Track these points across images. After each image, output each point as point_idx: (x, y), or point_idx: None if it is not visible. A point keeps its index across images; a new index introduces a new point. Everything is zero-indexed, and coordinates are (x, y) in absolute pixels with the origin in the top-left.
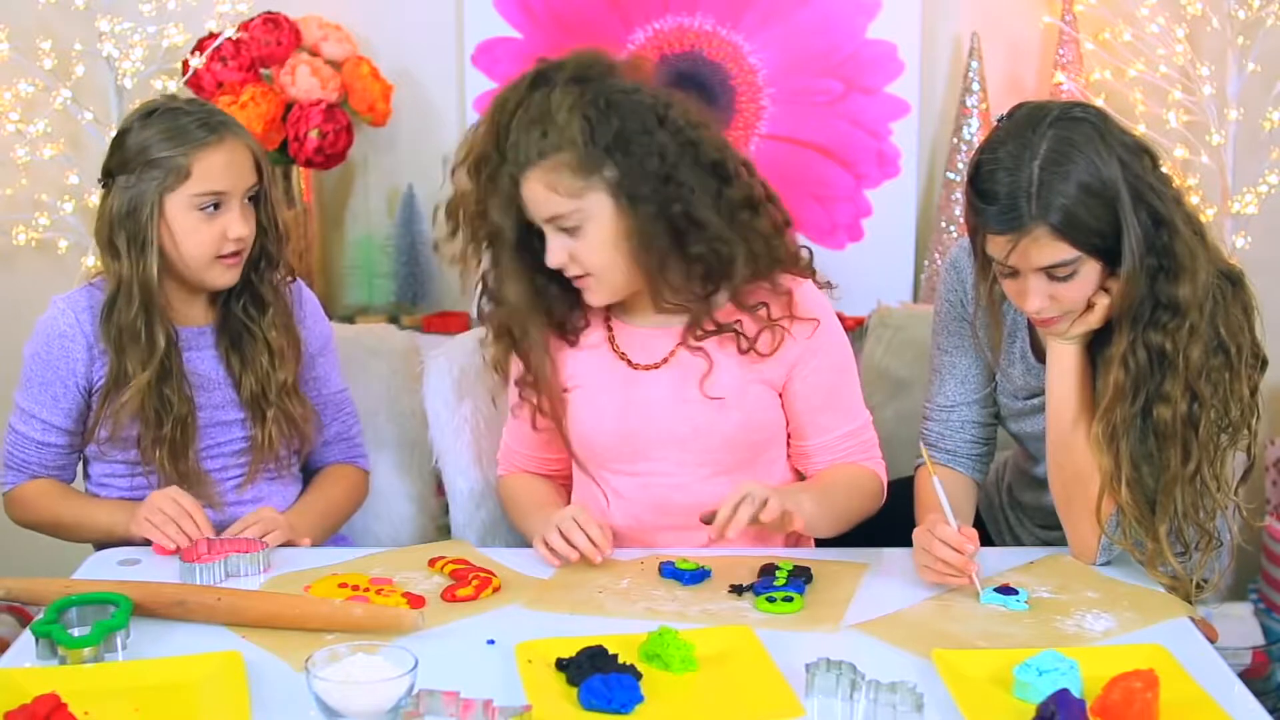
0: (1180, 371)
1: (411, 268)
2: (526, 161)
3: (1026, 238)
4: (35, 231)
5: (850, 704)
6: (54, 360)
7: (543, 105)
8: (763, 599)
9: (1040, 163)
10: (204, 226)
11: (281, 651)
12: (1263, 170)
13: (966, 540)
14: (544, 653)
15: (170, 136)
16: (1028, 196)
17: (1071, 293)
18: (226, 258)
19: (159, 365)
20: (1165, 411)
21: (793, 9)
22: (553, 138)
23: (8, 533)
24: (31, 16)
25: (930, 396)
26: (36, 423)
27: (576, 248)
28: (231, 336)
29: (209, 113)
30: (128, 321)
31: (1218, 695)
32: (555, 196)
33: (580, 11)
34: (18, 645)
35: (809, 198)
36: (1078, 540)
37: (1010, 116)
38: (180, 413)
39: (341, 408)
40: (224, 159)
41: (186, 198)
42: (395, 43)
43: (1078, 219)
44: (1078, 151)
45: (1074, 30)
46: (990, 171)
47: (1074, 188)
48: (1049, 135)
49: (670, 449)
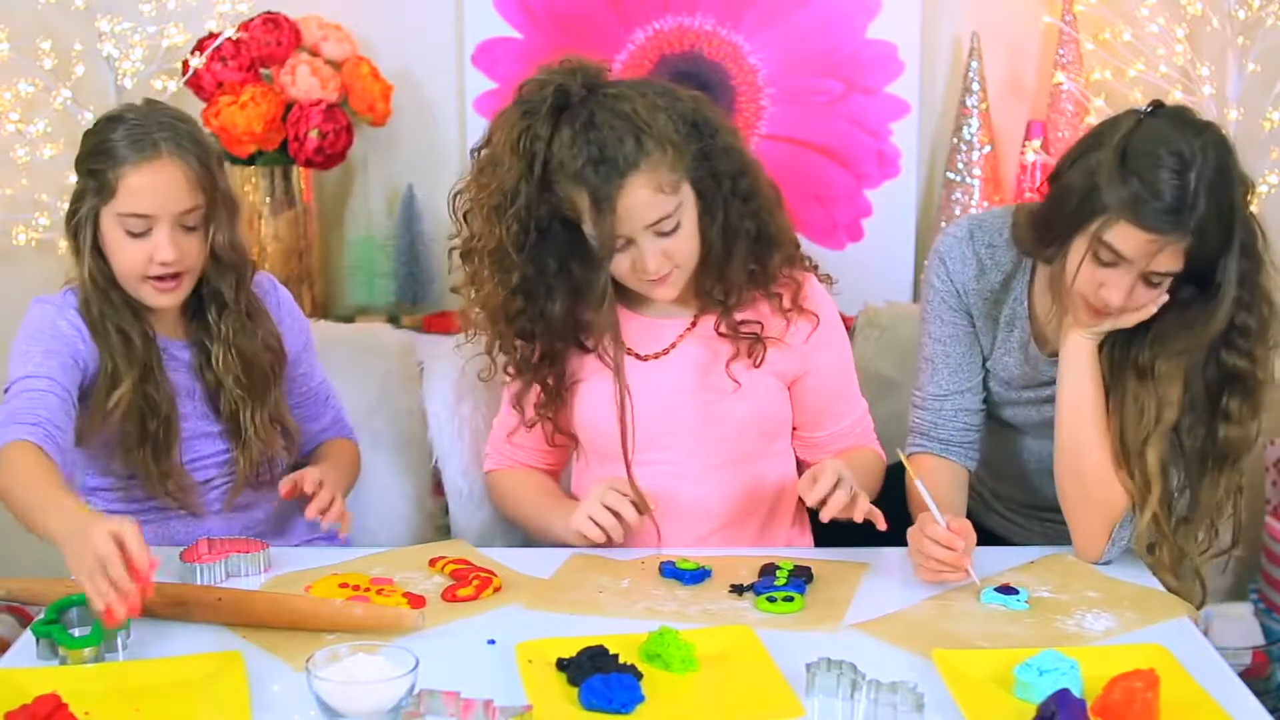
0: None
1: (411, 268)
2: (627, 169)
3: (1170, 244)
4: (35, 231)
5: (851, 704)
6: (63, 334)
7: (616, 113)
8: (763, 599)
9: (1200, 174)
10: (130, 245)
11: (282, 651)
12: (1263, 170)
13: (957, 536)
14: (545, 653)
15: (102, 150)
16: (1191, 208)
17: (1150, 294)
18: (158, 279)
19: (140, 364)
20: (1234, 431)
21: (793, 9)
22: (648, 140)
23: (8, 533)
24: (31, 16)
25: (921, 385)
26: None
27: (671, 245)
28: (206, 354)
29: (151, 127)
30: (99, 314)
31: (1218, 695)
32: (662, 196)
33: (580, 11)
34: (18, 645)
35: (809, 198)
36: (1083, 538)
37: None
38: (163, 411)
39: (328, 398)
40: (148, 180)
41: (113, 215)
42: (395, 43)
43: (1208, 240)
44: (1230, 173)
45: (1074, 30)
46: (1156, 165)
47: (1217, 210)
48: (1211, 149)
49: (674, 439)
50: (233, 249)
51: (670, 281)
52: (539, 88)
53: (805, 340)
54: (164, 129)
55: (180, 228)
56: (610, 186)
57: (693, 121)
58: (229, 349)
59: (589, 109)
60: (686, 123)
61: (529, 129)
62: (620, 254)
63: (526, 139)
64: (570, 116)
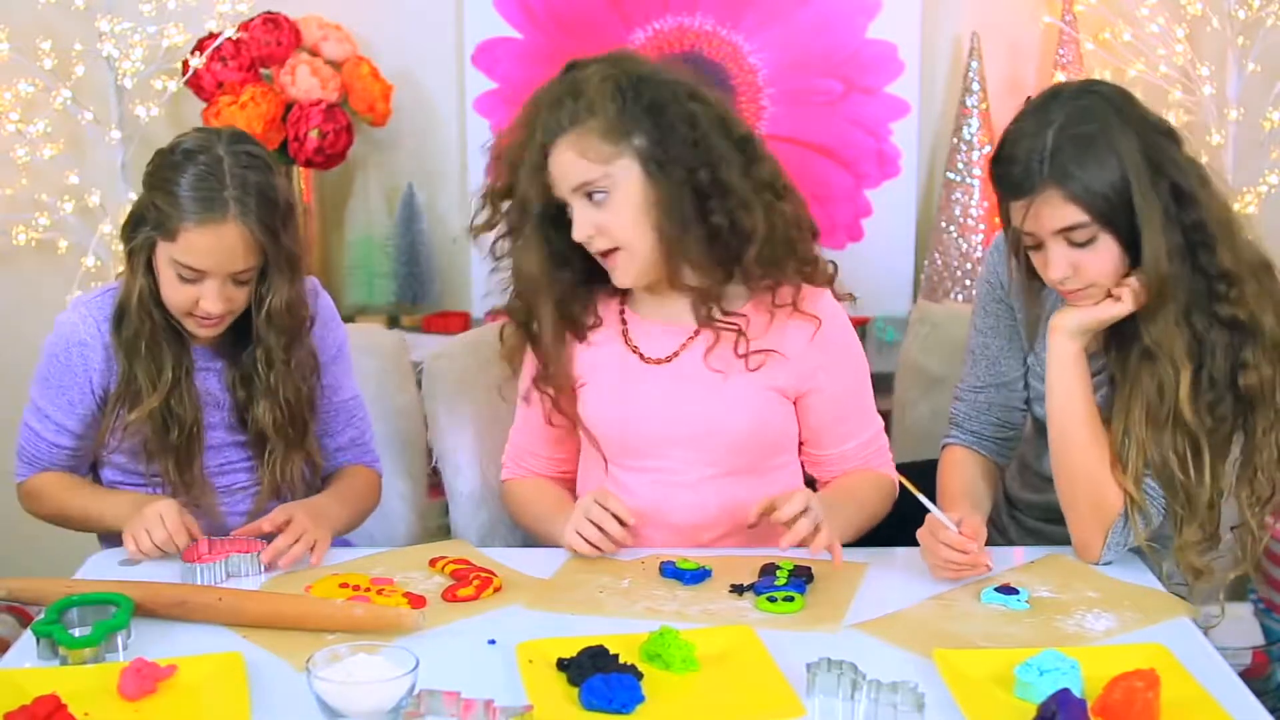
0: (1261, 336)
1: (411, 268)
2: (558, 129)
3: (1039, 199)
4: (35, 231)
5: (851, 704)
6: (72, 366)
7: (573, 80)
8: (763, 599)
9: (1054, 130)
10: (180, 287)
11: (282, 651)
12: (1263, 170)
13: (968, 540)
14: (545, 653)
15: (169, 192)
16: (1041, 159)
17: (1093, 263)
18: (202, 318)
19: (170, 378)
20: (1251, 377)
21: (793, 9)
22: (582, 105)
23: (8, 533)
24: (31, 16)
25: (963, 376)
26: (50, 423)
27: (604, 219)
28: (238, 371)
29: (223, 181)
30: (134, 331)
31: (1218, 695)
32: (584, 162)
33: (580, 11)
34: (18, 645)
35: (809, 198)
36: (1080, 539)
37: (1035, 97)
38: (187, 422)
39: (354, 414)
40: (210, 242)
41: (169, 256)
42: (395, 43)
43: (1088, 183)
44: (1095, 120)
45: (1074, 30)
46: (1011, 139)
47: (1086, 152)
48: (1067, 105)
49: (675, 447)
50: (287, 311)
51: (618, 263)
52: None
53: (806, 353)
54: (235, 184)
55: (232, 282)
56: (547, 141)
57: (659, 105)
58: (274, 398)
59: (572, 75)
60: (652, 105)
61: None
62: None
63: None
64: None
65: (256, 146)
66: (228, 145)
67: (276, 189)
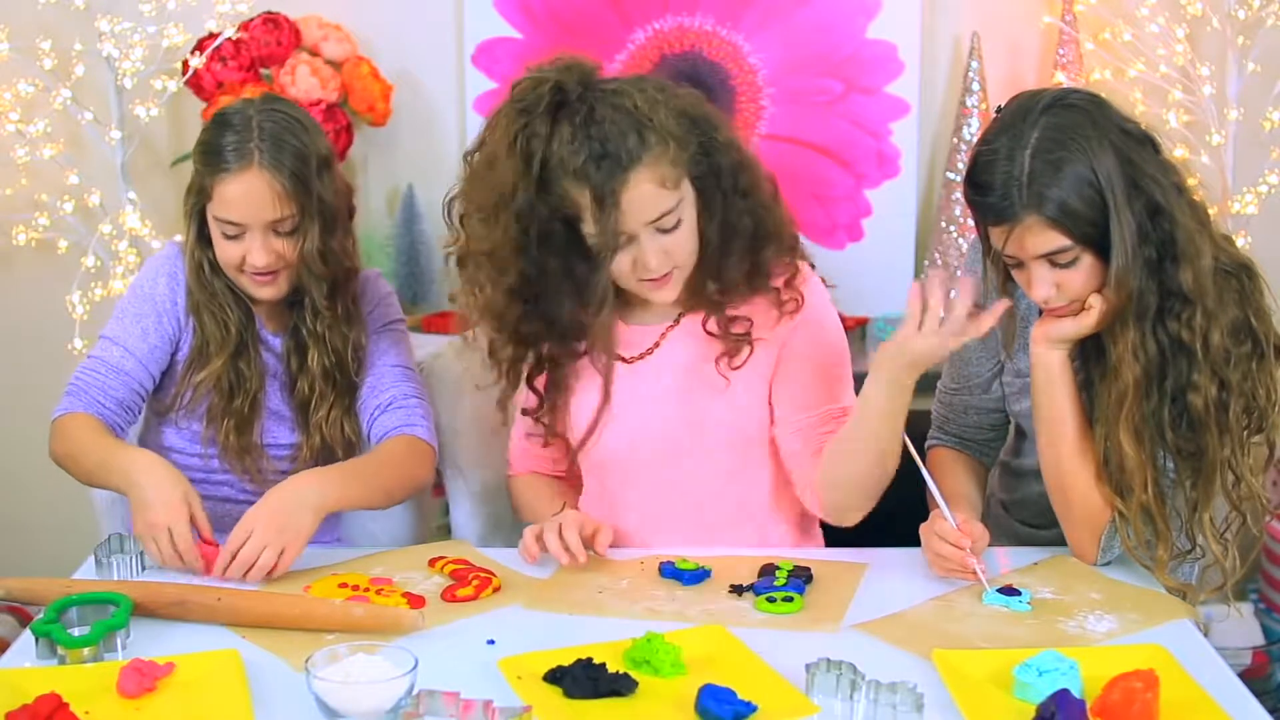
0: (1203, 358)
1: (411, 268)
2: (630, 163)
3: (1020, 226)
4: (35, 231)
5: (851, 704)
6: (156, 296)
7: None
8: (763, 599)
9: (1031, 152)
10: (228, 245)
11: (281, 651)
12: (1263, 170)
13: (964, 536)
14: (529, 667)
15: (206, 151)
16: (1019, 186)
17: (1077, 281)
18: (256, 274)
19: (236, 338)
20: (1197, 399)
21: (793, 9)
22: (650, 134)
23: (8, 533)
24: (31, 16)
25: (941, 379)
26: (117, 349)
27: (669, 242)
28: (297, 344)
29: (252, 135)
30: (204, 295)
31: (1218, 695)
32: (665, 191)
33: (580, 11)
34: (18, 645)
35: (809, 198)
36: (1076, 543)
37: (1005, 107)
38: (252, 389)
39: (398, 378)
40: (239, 191)
41: (212, 216)
42: (395, 43)
43: (1069, 208)
44: (1069, 139)
45: (1074, 30)
46: (985, 163)
47: (1064, 176)
48: (1040, 123)
49: (661, 450)
50: (321, 258)
51: (671, 283)
52: (534, 86)
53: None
54: (265, 137)
55: (274, 233)
56: (613, 182)
57: (691, 117)
58: (322, 345)
59: (588, 105)
60: (685, 118)
61: (526, 127)
62: (622, 253)
63: (524, 138)
64: (569, 113)
65: (290, 106)
66: (259, 106)
67: (306, 141)
